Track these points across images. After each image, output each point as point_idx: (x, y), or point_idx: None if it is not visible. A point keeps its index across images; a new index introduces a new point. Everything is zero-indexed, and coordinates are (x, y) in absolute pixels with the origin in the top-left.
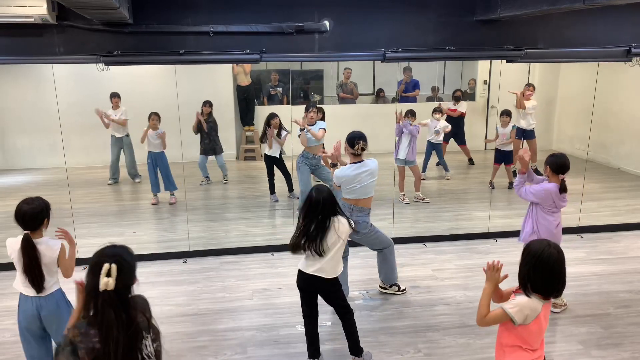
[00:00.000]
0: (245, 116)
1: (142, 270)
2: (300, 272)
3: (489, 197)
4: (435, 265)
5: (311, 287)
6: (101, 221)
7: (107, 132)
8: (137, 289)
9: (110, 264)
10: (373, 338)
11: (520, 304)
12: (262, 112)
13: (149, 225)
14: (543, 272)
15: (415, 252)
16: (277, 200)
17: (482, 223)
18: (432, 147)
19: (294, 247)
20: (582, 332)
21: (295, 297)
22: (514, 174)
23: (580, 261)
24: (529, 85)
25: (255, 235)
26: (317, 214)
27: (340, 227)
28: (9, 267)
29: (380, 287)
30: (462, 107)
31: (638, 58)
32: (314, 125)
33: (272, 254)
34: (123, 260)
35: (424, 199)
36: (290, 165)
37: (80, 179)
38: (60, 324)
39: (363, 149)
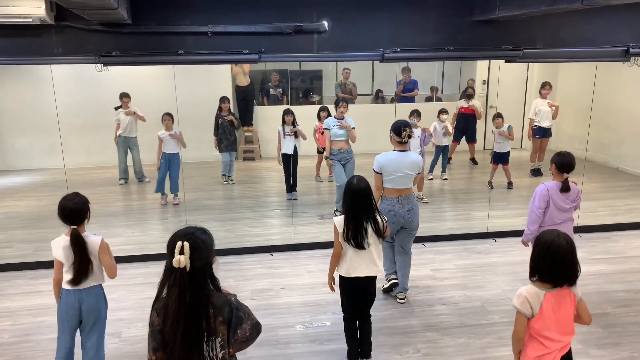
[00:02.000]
0: (244, 116)
1: (141, 271)
2: (347, 278)
3: (488, 197)
4: (435, 265)
5: (359, 289)
6: (100, 222)
7: (107, 132)
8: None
9: (183, 242)
10: (372, 338)
11: (520, 294)
12: (261, 112)
13: (148, 226)
14: (552, 262)
15: (414, 252)
16: (290, 199)
17: (481, 223)
18: (440, 149)
19: (347, 239)
20: (582, 331)
21: (293, 297)
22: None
23: (579, 261)
24: (546, 84)
25: (255, 235)
26: (360, 203)
27: (378, 224)
28: (7, 268)
29: (399, 297)
30: (474, 104)
31: (636, 58)
32: (342, 119)
33: (271, 255)
34: (196, 238)
35: (422, 199)
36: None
37: (79, 179)
38: (97, 318)
39: (409, 136)
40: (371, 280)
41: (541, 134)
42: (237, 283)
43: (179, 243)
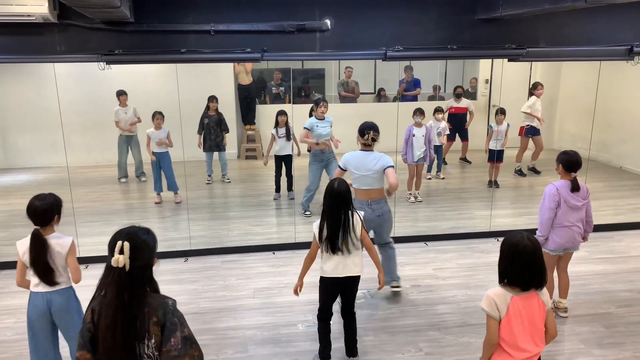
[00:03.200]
0: (247, 115)
1: None
2: (328, 279)
3: (490, 196)
4: (437, 265)
5: (340, 289)
6: (102, 220)
7: (109, 130)
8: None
9: (123, 242)
10: (374, 337)
11: (488, 295)
12: (263, 111)
13: (150, 224)
14: (520, 264)
15: (416, 251)
16: (276, 199)
17: (483, 222)
18: (434, 148)
19: (321, 240)
20: (584, 331)
21: (295, 296)
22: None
23: (582, 260)
24: (538, 84)
25: (257, 234)
26: (340, 206)
27: (355, 222)
28: (9, 265)
29: (392, 286)
30: (465, 103)
31: None
32: (323, 120)
33: (274, 253)
34: (137, 237)
35: (417, 197)
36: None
37: (81, 177)
38: (70, 319)
39: (374, 140)
40: (350, 279)
41: (532, 132)
42: (239, 282)
43: (119, 242)
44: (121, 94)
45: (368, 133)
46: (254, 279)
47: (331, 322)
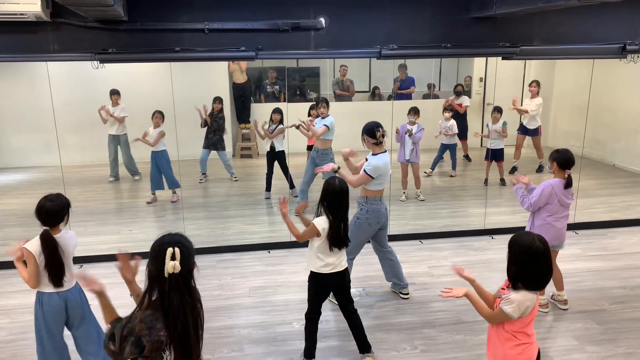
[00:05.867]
0: (242, 114)
1: (139, 269)
2: (326, 275)
3: (484, 194)
4: (432, 262)
5: (335, 285)
6: (97, 219)
7: (103, 129)
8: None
9: (174, 248)
10: (370, 335)
11: (518, 300)
12: (258, 109)
13: (145, 223)
14: (535, 267)
15: (411, 249)
16: (268, 198)
17: (478, 220)
18: (445, 147)
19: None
20: (577, 327)
21: (291, 294)
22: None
23: (575, 257)
24: (534, 82)
25: (252, 233)
26: (342, 203)
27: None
28: (4, 266)
29: (403, 293)
30: (465, 101)
31: (633, 55)
32: (325, 118)
33: (269, 252)
34: (183, 245)
35: (419, 196)
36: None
37: (75, 177)
38: (83, 311)
39: (384, 136)
40: (343, 273)
41: (522, 130)
42: (235, 280)
43: (170, 249)
44: (113, 93)
45: (378, 131)
46: (250, 278)
47: (326, 320)
